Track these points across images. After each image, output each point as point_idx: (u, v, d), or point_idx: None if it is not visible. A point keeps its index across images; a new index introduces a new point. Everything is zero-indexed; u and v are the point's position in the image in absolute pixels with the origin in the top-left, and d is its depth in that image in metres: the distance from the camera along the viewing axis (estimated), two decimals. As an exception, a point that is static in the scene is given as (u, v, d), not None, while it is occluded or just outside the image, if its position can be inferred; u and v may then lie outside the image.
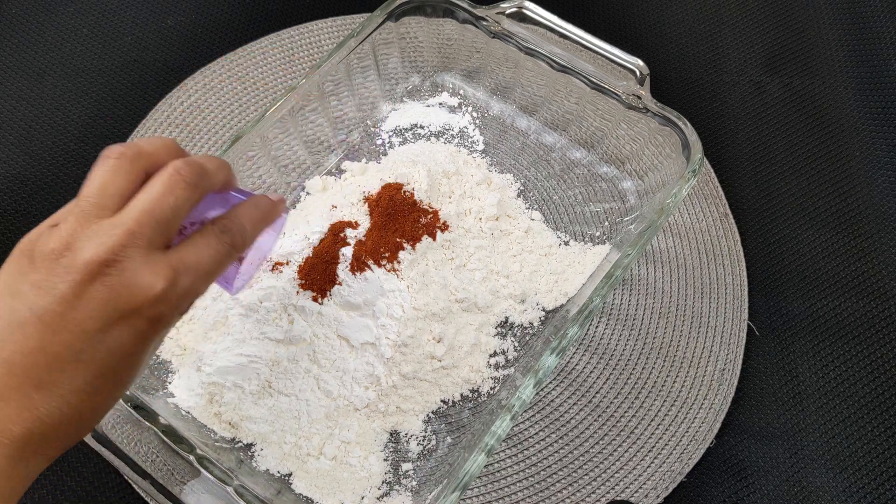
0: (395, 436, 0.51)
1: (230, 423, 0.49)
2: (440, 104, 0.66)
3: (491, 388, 0.53)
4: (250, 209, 0.35)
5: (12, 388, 0.28)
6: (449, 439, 0.51)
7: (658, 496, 0.51)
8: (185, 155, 0.33)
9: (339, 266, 0.50)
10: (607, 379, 0.55)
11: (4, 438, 0.28)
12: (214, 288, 0.52)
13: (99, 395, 0.30)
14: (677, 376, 0.55)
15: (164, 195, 0.30)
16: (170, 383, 0.50)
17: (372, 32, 0.58)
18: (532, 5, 0.57)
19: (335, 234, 0.52)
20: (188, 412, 0.49)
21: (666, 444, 0.52)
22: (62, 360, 0.29)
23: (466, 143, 0.64)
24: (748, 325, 0.57)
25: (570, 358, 0.55)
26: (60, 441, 0.30)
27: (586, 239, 0.59)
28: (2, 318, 0.29)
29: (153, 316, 0.30)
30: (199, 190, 0.32)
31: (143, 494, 0.50)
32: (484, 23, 0.58)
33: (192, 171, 0.31)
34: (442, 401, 0.52)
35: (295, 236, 0.53)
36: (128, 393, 0.43)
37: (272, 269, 0.51)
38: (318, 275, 0.50)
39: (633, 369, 0.55)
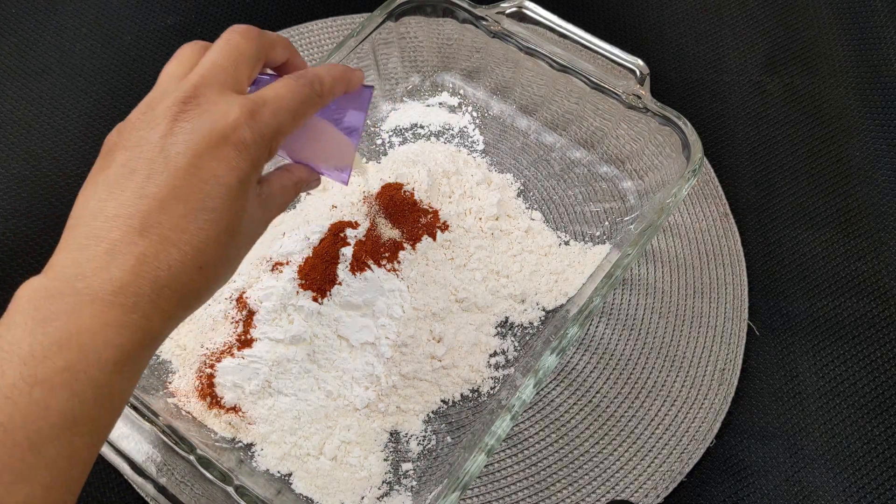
0: (395, 436, 0.51)
1: (230, 423, 0.49)
2: (440, 104, 0.66)
3: (491, 388, 0.53)
4: (327, 67, 0.37)
5: (117, 240, 0.29)
6: (449, 439, 0.51)
7: (658, 496, 0.51)
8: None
9: (339, 266, 0.50)
10: (607, 379, 0.55)
11: (113, 286, 0.28)
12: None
13: (204, 233, 0.30)
14: (677, 376, 0.55)
15: (225, 48, 0.33)
16: (170, 383, 0.50)
17: (372, 32, 0.58)
18: (532, 5, 0.57)
19: (335, 234, 0.52)
20: (188, 412, 0.49)
21: (666, 444, 0.52)
22: (161, 200, 0.29)
23: (466, 143, 0.64)
24: (748, 325, 0.57)
25: (570, 358, 0.55)
26: (178, 291, 0.30)
27: (586, 239, 0.59)
28: (100, 186, 0.30)
29: (239, 142, 0.31)
30: (257, 42, 0.34)
31: (143, 494, 0.50)
32: (484, 22, 0.58)
33: (246, 27, 0.35)
34: (442, 401, 0.52)
35: (295, 236, 0.53)
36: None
37: (272, 269, 0.51)
38: (318, 275, 0.50)
39: (633, 369, 0.55)
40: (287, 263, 0.51)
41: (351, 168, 0.40)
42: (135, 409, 0.42)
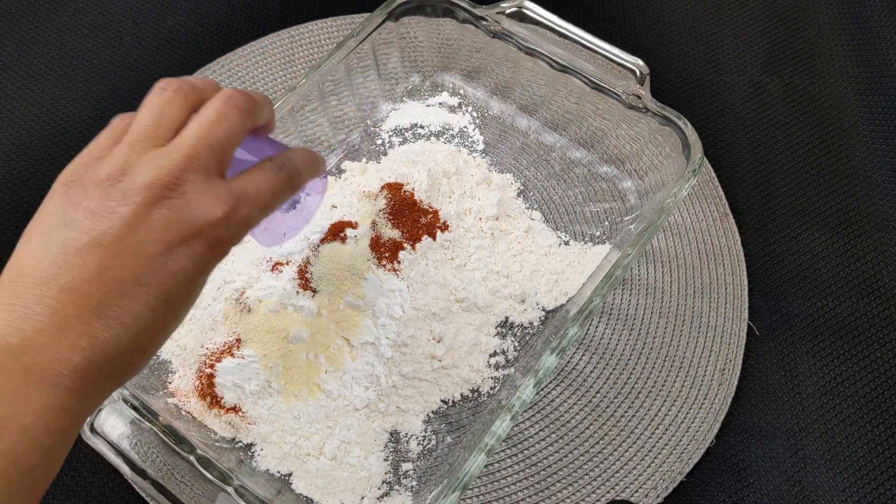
0: (395, 436, 0.51)
1: (230, 423, 0.49)
2: (440, 104, 0.66)
3: (491, 388, 0.53)
4: (302, 153, 0.35)
5: (71, 317, 0.27)
6: (449, 439, 0.51)
7: (658, 496, 0.51)
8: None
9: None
10: (607, 379, 0.55)
11: (63, 369, 0.27)
12: (214, 288, 0.52)
13: (158, 321, 0.29)
14: (677, 376, 0.55)
15: (218, 121, 0.31)
16: (170, 383, 0.50)
17: (372, 32, 0.58)
18: (532, 5, 0.57)
19: (335, 234, 0.52)
20: (188, 412, 0.49)
21: (666, 444, 0.52)
22: (123, 284, 0.28)
23: (466, 143, 0.64)
24: (748, 325, 0.57)
25: (570, 358, 0.55)
26: (119, 371, 0.29)
27: (586, 239, 0.59)
28: (56, 246, 0.28)
29: (213, 240, 0.30)
30: (249, 117, 0.32)
31: (143, 494, 0.50)
32: (484, 22, 0.58)
33: (243, 99, 0.32)
34: (442, 401, 0.52)
35: (295, 236, 0.53)
36: (127, 392, 0.43)
37: (272, 269, 0.51)
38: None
39: (633, 369, 0.55)
40: (287, 263, 0.51)
41: (290, 238, 0.40)
42: (135, 409, 0.42)
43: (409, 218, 0.54)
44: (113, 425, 0.43)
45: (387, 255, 0.52)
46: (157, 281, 0.29)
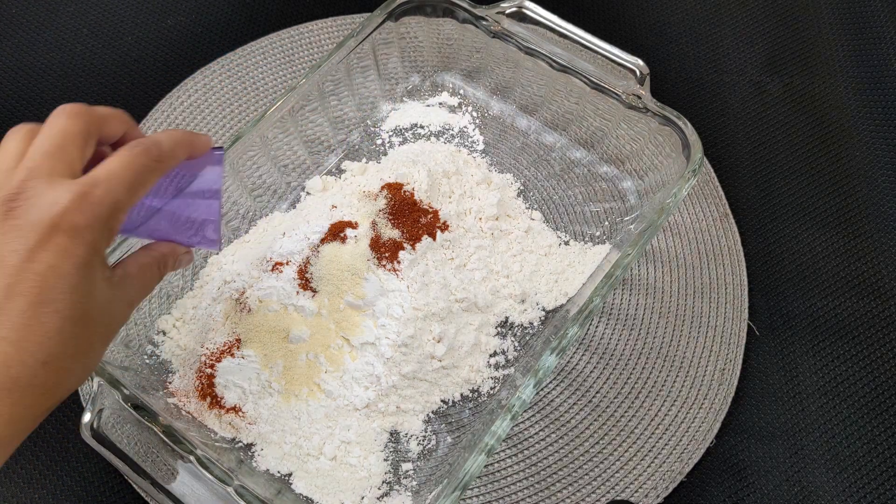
0: (395, 436, 0.51)
1: (230, 423, 0.49)
2: (440, 104, 0.66)
3: (491, 388, 0.53)
4: (166, 132, 0.36)
5: None
6: (449, 439, 0.51)
7: (658, 496, 0.51)
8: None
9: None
10: (607, 379, 0.55)
11: None
12: (214, 288, 0.52)
13: (45, 328, 0.29)
14: (677, 376, 0.55)
15: (50, 134, 0.32)
16: (170, 383, 0.50)
17: (372, 32, 0.58)
18: (532, 5, 0.57)
19: (335, 234, 0.52)
20: (188, 412, 0.49)
21: (666, 444, 0.52)
22: None
23: (466, 143, 0.64)
24: (748, 325, 0.57)
25: (570, 358, 0.55)
26: (24, 390, 0.29)
27: (586, 239, 0.59)
28: None
29: (71, 228, 0.30)
30: (85, 118, 0.33)
31: (143, 494, 0.50)
32: (484, 22, 0.58)
33: (73, 105, 0.33)
34: (442, 401, 0.52)
35: (295, 236, 0.53)
36: (127, 393, 0.43)
37: (272, 269, 0.51)
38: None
39: (633, 369, 0.55)
40: (287, 263, 0.51)
41: (220, 233, 0.39)
42: (135, 408, 0.42)
43: (409, 218, 0.54)
44: (113, 425, 0.43)
45: (387, 255, 0.52)
46: (27, 286, 0.29)
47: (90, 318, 0.31)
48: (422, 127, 0.64)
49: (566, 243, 0.59)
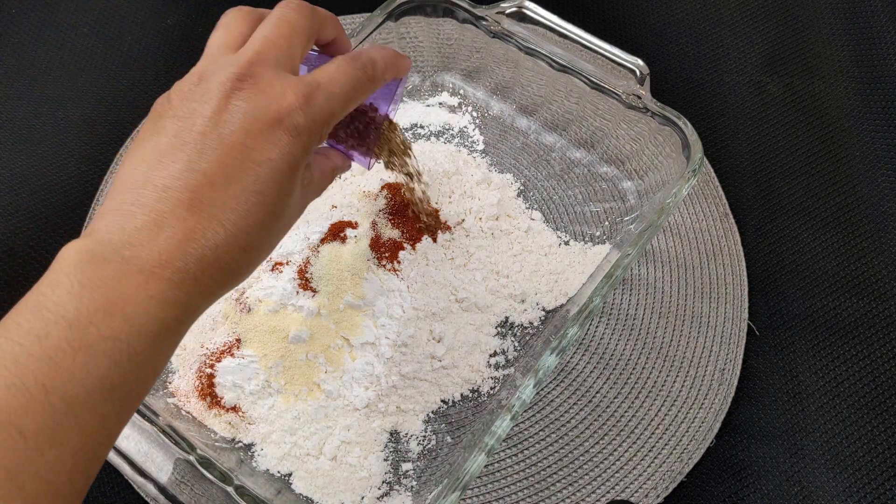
0: (395, 436, 0.51)
1: (230, 423, 0.49)
2: (440, 104, 0.66)
3: (491, 388, 0.53)
4: (377, 48, 0.36)
5: (166, 213, 0.28)
6: (449, 439, 0.51)
7: (658, 496, 0.51)
8: None
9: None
10: (607, 379, 0.55)
11: (161, 260, 0.28)
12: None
13: (252, 215, 0.30)
14: (677, 376, 0.55)
15: (280, 23, 0.33)
16: (170, 383, 0.50)
17: (372, 32, 0.58)
18: (532, 5, 0.57)
19: (335, 234, 0.52)
20: (188, 412, 0.49)
21: (666, 444, 0.52)
22: (212, 178, 0.29)
23: (466, 143, 0.64)
24: (748, 325, 0.57)
25: (570, 358, 0.55)
26: (221, 269, 0.30)
27: (586, 239, 0.59)
28: (149, 153, 0.30)
29: (293, 128, 0.31)
30: (310, 20, 0.34)
31: (143, 494, 0.50)
32: (484, 22, 0.58)
33: (300, 4, 0.34)
34: (442, 401, 0.52)
35: (295, 236, 0.53)
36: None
37: (272, 269, 0.51)
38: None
39: (633, 369, 0.55)
40: (287, 263, 0.51)
41: (375, 154, 0.41)
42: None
43: (410, 218, 0.54)
44: (113, 425, 0.43)
45: (387, 255, 0.52)
46: (243, 171, 0.30)
47: (284, 214, 0.32)
48: (422, 127, 0.64)
49: (566, 243, 0.59)
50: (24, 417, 0.24)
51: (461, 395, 0.52)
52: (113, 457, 0.42)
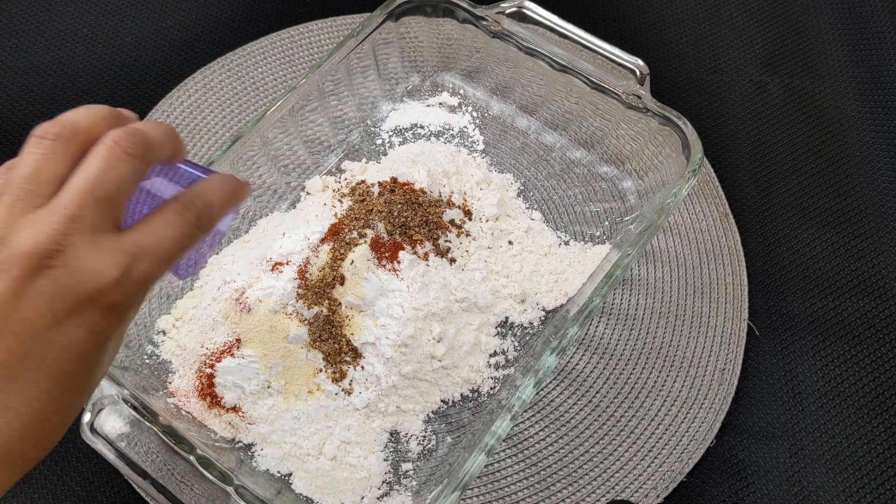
0: (395, 436, 0.51)
1: (230, 423, 0.49)
2: (440, 104, 0.66)
3: (491, 388, 0.53)
4: (218, 184, 0.31)
5: None
6: (449, 439, 0.51)
7: (658, 496, 0.51)
8: (124, 122, 0.30)
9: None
10: (607, 379, 0.55)
11: None
12: (214, 288, 0.52)
13: (54, 404, 0.27)
14: (677, 376, 0.55)
15: (105, 171, 0.27)
16: (170, 383, 0.50)
17: (372, 32, 0.58)
18: (532, 5, 0.57)
19: (335, 234, 0.52)
20: (188, 412, 0.49)
21: (666, 444, 0.52)
22: (8, 367, 0.26)
23: (466, 143, 0.64)
24: (748, 325, 0.57)
25: (570, 358, 0.55)
26: (16, 460, 0.26)
27: (586, 239, 0.59)
28: None
29: (107, 306, 0.27)
30: (143, 161, 0.28)
31: (143, 494, 0.50)
32: (484, 23, 0.58)
33: (133, 141, 0.28)
34: (442, 401, 0.52)
35: (295, 236, 0.53)
36: (127, 393, 0.43)
37: (272, 269, 0.51)
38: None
39: (633, 369, 0.55)
40: (287, 263, 0.51)
41: (195, 269, 0.35)
42: (135, 409, 0.42)
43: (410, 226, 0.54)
44: (113, 425, 0.43)
45: (387, 255, 0.52)
46: (47, 360, 0.26)
47: (91, 385, 0.29)
48: (422, 127, 0.64)
49: (566, 243, 0.59)
50: None
51: (461, 395, 0.52)
52: (113, 457, 0.42)
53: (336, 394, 0.49)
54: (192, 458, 0.41)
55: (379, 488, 0.48)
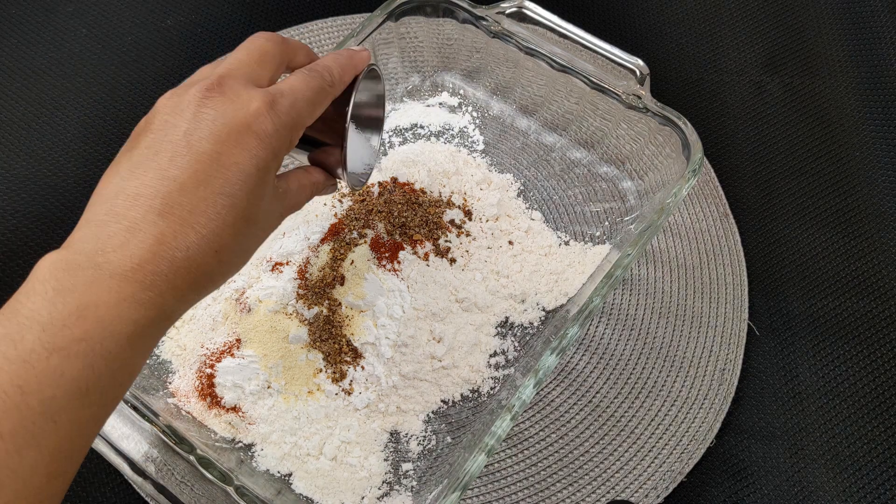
0: (395, 436, 0.51)
1: (230, 423, 0.49)
2: (440, 104, 0.65)
3: (491, 388, 0.53)
4: (330, 55, 0.39)
5: (138, 219, 0.29)
6: (449, 439, 0.51)
7: (658, 496, 0.51)
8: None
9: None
10: (607, 379, 0.55)
11: (132, 263, 0.29)
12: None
13: (223, 219, 0.31)
14: (677, 376, 0.55)
15: (250, 48, 0.35)
16: (170, 383, 0.50)
17: (372, 32, 0.58)
18: (532, 5, 0.57)
19: (335, 234, 0.52)
20: (188, 412, 0.49)
21: (666, 444, 0.52)
22: (182, 183, 0.30)
23: (466, 143, 0.64)
24: (748, 325, 0.57)
25: (570, 358, 0.55)
26: (194, 273, 0.30)
27: (586, 239, 0.59)
28: (124, 165, 0.31)
29: (260, 131, 0.32)
30: (281, 46, 0.36)
31: (143, 494, 0.50)
32: (484, 23, 0.58)
33: (271, 34, 0.36)
34: (442, 401, 0.52)
35: (295, 236, 0.53)
36: (128, 393, 0.43)
37: (272, 269, 0.51)
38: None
39: (633, 369, 0.55)
40: (287, 263, 0.51)
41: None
42: (135, 409, 0.42)
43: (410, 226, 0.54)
44: (113, 425, 0.43)
45: (387, 255, 0.52)
46: (213, 176, 0.31)
47: (256, 219, 0.33)
48: (422, 127, 0.64)
49: (566, 243, 0.59)
50: (1, 419, 0.25)
51: (461, 395, 0.52)
52: (113, 457, 0.42)
53: (336, 394, 0.49)
54: (192, 458, 0.41)
55: (379, 488, 0.48)
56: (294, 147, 0.35)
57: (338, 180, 0.42)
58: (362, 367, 0.49)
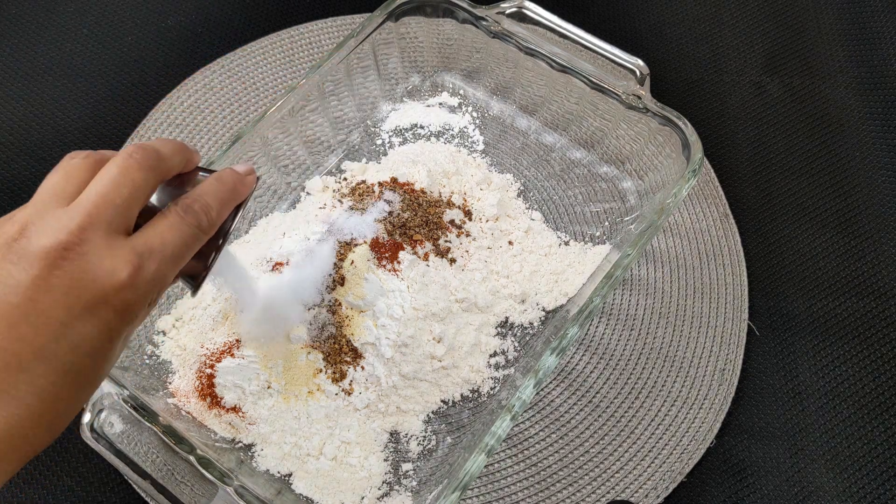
0: (395, 436, 0.51)
1: (230, 424, 0.49)
2: (440, 104, 0.65)
3: (491, 388, 0.53)
4: (214, 185, 0.33)
5: None
6: (449, 439, 0.51)
7: (658, 496, 0.51)
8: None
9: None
10: (607, 379, 0.55)
11: None
12: (214, 288, 0.52)
13: (62, 397, 0.28)
14: (677, 376, 0.55)
15: (119, 178, 0.29)
16: (170, 384, 0.50)
17: (372, 32, 0.58)
18: (532, 5, 0.57)
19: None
20: (188, 412, 0.49)
21: (666, 444, 0.52)
22: (21, 357, 0.26)
23: (466, 143, 0.64)
24: (748, 325, 0.57)
25: (570, 358, 0.55)
26: (20, 450, 0.27)
27: (586, 239, 0.59)
28: None
29: (120, 305, 0.28)
30: (155, 172, 0.31)
31: (143, 494, 0.50)
32: (484, 23, 0.58)
33: (145, 154, 0.31)
34: (442, 401, 0.52)
35: (295, 236, 0.53)
36: (127, 393, 0.43)
37: (272, 269, 0.51)
38: None
39: (633, 369, 0.55)
40: (287, 263, 0.51)
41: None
42: (135, 409, 0.42)
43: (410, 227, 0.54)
44: (113, 425, 0.43)
45: (387, 255, 0.52)
46: (59, 353, 0.27)
47: (98, 380, 0.30)
48: (422, 127, 0.64)
49: (566, 244, 0.59)
50: None
51: (461, 395, 0.52)
52: (113, 457, 0.42)
53: (336, 394, 0.49)
54: (192, 458, 0.41)
55: (379, 488, 0.48)
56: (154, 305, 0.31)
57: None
58: (362, 368, 0.49)
